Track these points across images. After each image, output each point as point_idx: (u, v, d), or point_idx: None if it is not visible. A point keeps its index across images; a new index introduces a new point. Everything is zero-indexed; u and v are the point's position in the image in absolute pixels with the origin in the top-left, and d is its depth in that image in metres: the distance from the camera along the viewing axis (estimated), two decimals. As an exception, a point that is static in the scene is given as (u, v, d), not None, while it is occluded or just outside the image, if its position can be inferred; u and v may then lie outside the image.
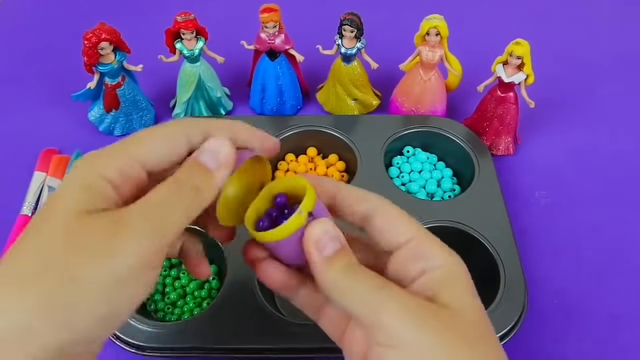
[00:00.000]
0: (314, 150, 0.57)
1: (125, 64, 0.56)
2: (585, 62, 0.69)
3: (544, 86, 0.56)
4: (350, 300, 0.25)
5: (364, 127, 0.56)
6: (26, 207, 0.52)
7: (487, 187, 0.51)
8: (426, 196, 0.53)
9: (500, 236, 0.46)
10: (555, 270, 0.49)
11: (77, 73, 0.57)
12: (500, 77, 0.53)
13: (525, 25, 0.73)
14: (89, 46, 0.52)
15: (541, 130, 0.61)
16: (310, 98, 0.64)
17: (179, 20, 0.54)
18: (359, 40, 0.55)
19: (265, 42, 0.57)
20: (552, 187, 0.55)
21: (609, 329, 0.45)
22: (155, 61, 0.57)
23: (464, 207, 0.49)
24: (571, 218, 0.53)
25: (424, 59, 0.55)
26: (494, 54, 0.53)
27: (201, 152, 0.26)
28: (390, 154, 0.56)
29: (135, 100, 0.58)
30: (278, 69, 0.58)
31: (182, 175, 0.25)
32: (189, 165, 0.25)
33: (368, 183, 0.51)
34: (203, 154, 0.26)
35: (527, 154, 0.59)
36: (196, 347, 0.41)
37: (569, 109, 0.63)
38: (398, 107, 0.60)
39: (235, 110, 0.64)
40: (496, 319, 0.41)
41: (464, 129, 0.56)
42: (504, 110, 0.55)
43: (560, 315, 0.46)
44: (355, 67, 0.58)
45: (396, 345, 0.23)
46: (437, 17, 0.54)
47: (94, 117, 0.59)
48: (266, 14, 0.54)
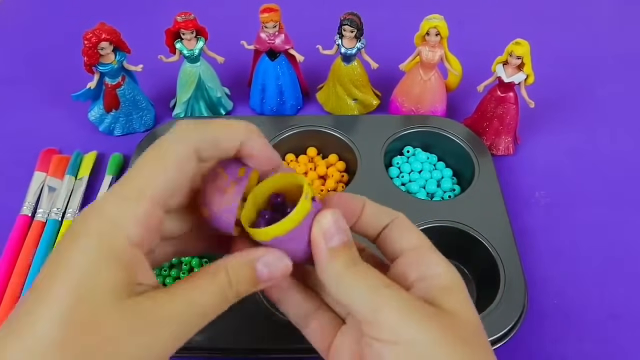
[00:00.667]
0: (314, 150, 0.57)
1: (125, 64, 0.56)
2: (585, 62, 0.69)
3: (544, 86, 0.56)
4: (351, 295, 0.24)
5: (364, 127, 0.56)
6: (26, 207, 0.52)
7: (487, 187, 0.51)
8: (426, 196, 0.53)
9: (500, 236, 0.46)
10: (555, 271, 0.49)
11: (77, 73, 0.57)
12: (500, 77, 0.53)
13: (525, 25, 0.73)
14: (89, 46, 0.52)
15: (541, 130, 0.61)
16: (310, 98, 0.64)
17: (179, 20, 0.54)
18: (359, 40, 0.55)
19: (265, 42, 0.57)
20: (552, 187, 0.55)
21: (609, 329, 0.45)
22: (155, 61, 0.57)
23: (464, 207, 0.49)
24: (571, 218, 0.53)
25: (424, 59, 0.55)
26: (494, 54, 0.53)
27: (259, 261, 0.25)
28: (390, 154, 0.56)
29: (135, 100, 0.58)
30: (278, 69, 0.58)
31: (233, 277, 0.24)
32: (243, 266, 0.24)
33: (368, 183, 0.51)
34: (260, 264, 0.25)
35: (527, 154, 0.59)
36: (196, 347, 0.41)
37: (569, 109, 0.63)
38: (398, 107, 0.60)
39: (235, 110, 0.64)
40: (496, 319, 0.41)
41: (464, 129, 0.56)
42: (504, 110, 0.55)
43: (560, 315, 0.46)
44: (355, 67, 0.58)
45: (396, 341, 0.23)
46: (437, 17, 0.54)
47: (94, 117, 0.59)
48: (266, 14, 0.54)
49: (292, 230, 0.25)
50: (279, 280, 0.25)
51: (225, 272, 0.24)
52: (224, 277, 0.24)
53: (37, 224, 0.51)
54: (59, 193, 0.53)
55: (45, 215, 0.51)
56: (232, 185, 0.25)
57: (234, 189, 0.25)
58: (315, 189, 0.53)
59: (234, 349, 0.41)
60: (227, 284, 0.24)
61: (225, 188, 0.25)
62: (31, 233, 0.50)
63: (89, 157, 0.56)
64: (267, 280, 0.25)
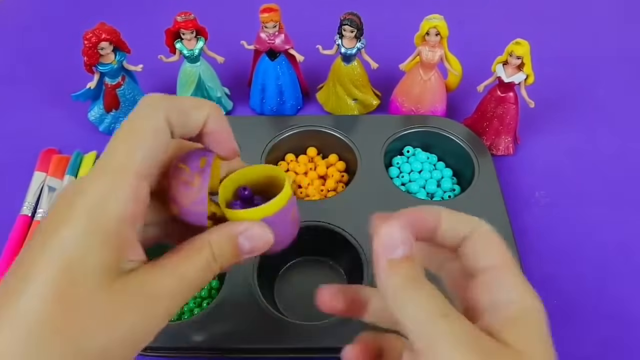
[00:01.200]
0: (314, 150, 0.57)
1: (125, 64, 0.56)
2: (585, 62, 0.69)
3: (544, 86, 0.56)
4: (407, 316, 0.22)
5: (364, 127, 0.56)
6: (26, 207, 0.52)
7: (487, 187, 0.51)
8: (426, 196, 0.53)
9: (500, 236, 0.46)
10: (555, 270, 0.49)
11: (77, 73, 0.57)
12: (500, 77, 0.53)
13: (525, 25, 0.73)
14: (89, 46, 0.52)
15: (541, 130, 0.61)
16: (310, 98, 0.64)
17: (179, 20, 0.54)
18: (359, 40, 0.55)
19: (265, 42, 0.57)
20: (552, 187, 0.55)
21: (609, 329, 0.45)
22: (155, 61, 0.57)
23: (464, 207, 0.48)
24: (571, 218, 0.53)
25: (424, 59, 0.55)
26: (494, 54, 0.53)
27: (241, 235, 0.25)
28: (390, 154, 0.56)
29: (135, 100, 0.58)
30: (278, 69, 0.58)
31: (216, 250, 0.24)
32: (226, 241, 0.25)
33: (368, 183, 0.51)
34: (242, 237, 0.25)
35: (527, 154, 0.59)
36: (196, 347, 0.41)
37: (569, 109, 0.63)
38: (398, 107, 0.60)
39: (235, 110, 0.64)
40: (496, 319, 0.41)
41: (464, 129, 0.56)
42: (504, 110, 0.55)
43: (560, 315, 0.46)
44: (355, 67, 0.58)
45: None
46: (437, 17, 0.54)
47: (94, 117, 0.59)
48: (266, 14, 0.54)
49: (279, 211, 0.25)
50: (260, 252, 0.26)
51: (209, 246, 0.24)
52: (208, 252, 0.24)
53: (37, 224, 0.51)
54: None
55: (45, 215, 0.51)
56: (196, 177, 0.25)
57: (199, 181, 0.25)
58: (315, 189, 0.53)
59: (234, 349, 0.41)
60: (212, 258, 0.24)
61: (189, 181, 0.25)
62: (31, 233, 0.50)
63: (89, 157, 0.56)
64: (248, 252, 0.25)
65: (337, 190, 0.53)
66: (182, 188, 0.25)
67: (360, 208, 0.49)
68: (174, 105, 0.24)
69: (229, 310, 0.42)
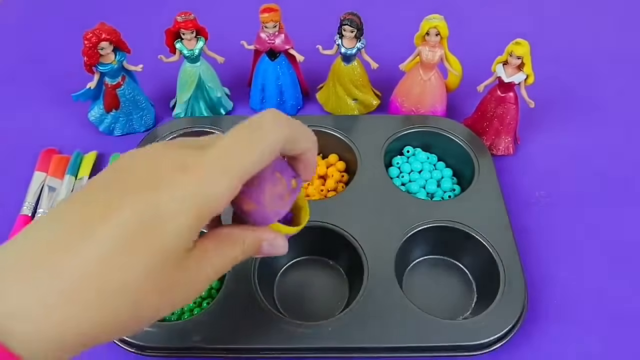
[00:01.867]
0: (314, 150, 0.57)
1: (125, 64, 0.56)
2: (585, 62, 0.69)
3: (544, 86, 0.56)
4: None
5: (364, 127, 0.56)
6: (26, 207, 0.52)
7: (487, 187, 0.51)
8: (426, 196, 0.53)
9: (500, 236, 0.46)
10: (555, 270, 0.49)
11: (77, 73, 0.57)
12: (500, 77, 0.53)
13: (525, 25, 0.73)
14: (89, 46, 0.52)
15: (541, 130, 0.61)
16: (310, 98, 0.64)
17: (179, 20, 0.54)
18: (359, 40, 0.55)
19: (265, 42, 0.57)
20: (552, 187, 0.55)
21: (609, 329, 0.45)
22: (155, 61, 0.57)
23: (464, 207, 0.49)
24: (571, 218, 0.53)
25: (424, 59, 0.55)
26: (494, 54, 0.53)
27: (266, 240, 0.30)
28: (390, 154, 0.56)
29: (135, 100, 0.58)
30: (278, 69, 0.58)
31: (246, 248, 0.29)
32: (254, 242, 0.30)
33: (368, 183, 0.51)
34: (266, 243, 0.30)
35: (527, 154, 0.59)
36: (196, 347, 0.41)
37: (569, 109, 0.63)
38: (398, 107, 0.60)
39: (235, 110, 0.64)
40: (496, 319, 0.41)
41: (464, 129, 0.56)
42: (504, 110, 0.55)
43: (560, 315, 0.46)
44: (355, 67, 0.58)
45: None
46: (437, 17, 0.54)
47: (94, 117, 0.59)
48: (266, 14, 0.54)
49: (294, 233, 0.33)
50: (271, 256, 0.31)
51: (242, 242, 0.29)
52: (240, 247, 0.29)
53: (37, 224, 0.51)
54: (59, 193, 0.53)
55: (45, 215, 0.51)
56: (288, 194, 0.30)
57: (290, 199, 0.31)
58: (315, 189, 0.53)
59: (234, 349, 0.41)
60: (241, 252, 0.29)
61: (283, 195, 0.30)
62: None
63: (89, 157, 0.56)
64: (265, 254, 0.31)
65: (337, 190, 0.53)
66: (276, 198, 0.30)
67: (360, 208, 0.49)
68: (292, 132, 0.28)
69: (229, 310, 0.42)
